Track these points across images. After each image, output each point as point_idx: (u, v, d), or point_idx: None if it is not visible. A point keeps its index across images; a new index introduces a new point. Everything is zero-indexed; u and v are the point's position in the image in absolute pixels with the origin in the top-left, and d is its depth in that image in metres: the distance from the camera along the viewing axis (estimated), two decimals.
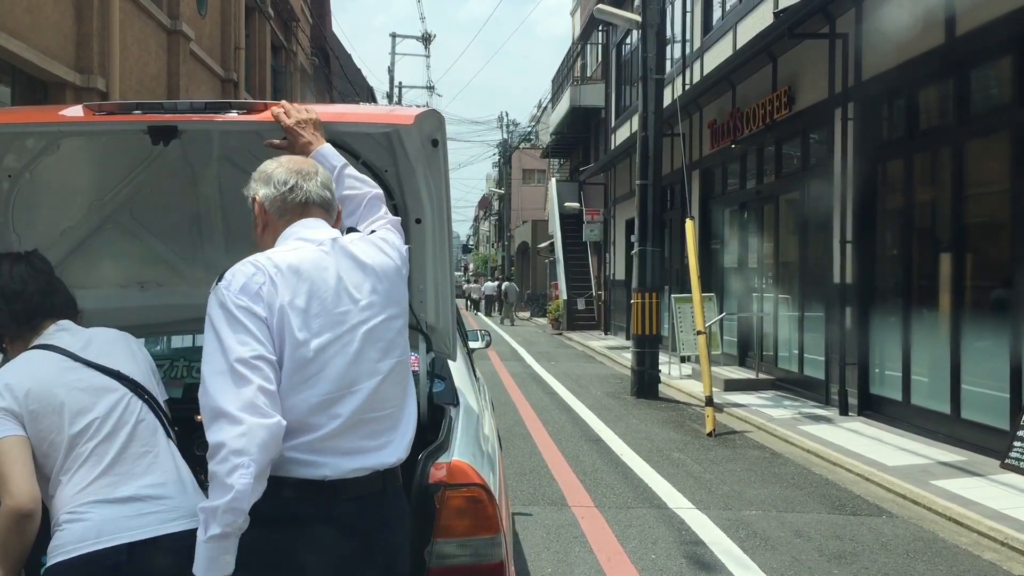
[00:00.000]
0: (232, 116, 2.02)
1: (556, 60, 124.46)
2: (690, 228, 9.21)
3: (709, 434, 7.80)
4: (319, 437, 1.69)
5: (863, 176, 8.49)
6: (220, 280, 1.70)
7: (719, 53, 12.08)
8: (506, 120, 39.97)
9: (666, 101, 10.74)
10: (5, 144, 2.22)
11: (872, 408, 8.35)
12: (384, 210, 2.05)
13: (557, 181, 27.82)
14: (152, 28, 10.86)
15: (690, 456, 6.96)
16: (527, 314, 32.18)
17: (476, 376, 3.65)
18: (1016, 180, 6.44)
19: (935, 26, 7.25)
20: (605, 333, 20.80)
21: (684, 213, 10.48)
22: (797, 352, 10.16)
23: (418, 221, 2.36)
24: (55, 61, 8.35)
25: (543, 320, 27.27)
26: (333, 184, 1.94)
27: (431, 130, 2.09)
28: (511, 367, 13.70)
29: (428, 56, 39.25)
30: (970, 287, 7.11)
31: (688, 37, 14.12)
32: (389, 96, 37.26)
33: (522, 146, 41.17)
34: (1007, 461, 5.98)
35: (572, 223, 24.69)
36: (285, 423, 1.63)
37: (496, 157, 44.61)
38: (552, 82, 29.82)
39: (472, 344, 5.03)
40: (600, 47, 23.34)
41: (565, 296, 23.39)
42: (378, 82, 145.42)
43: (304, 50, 21.27)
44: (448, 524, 2.04)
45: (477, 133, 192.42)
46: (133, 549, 1.77)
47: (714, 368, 9.26)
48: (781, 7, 9.36)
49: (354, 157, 2.25)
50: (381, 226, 1.96)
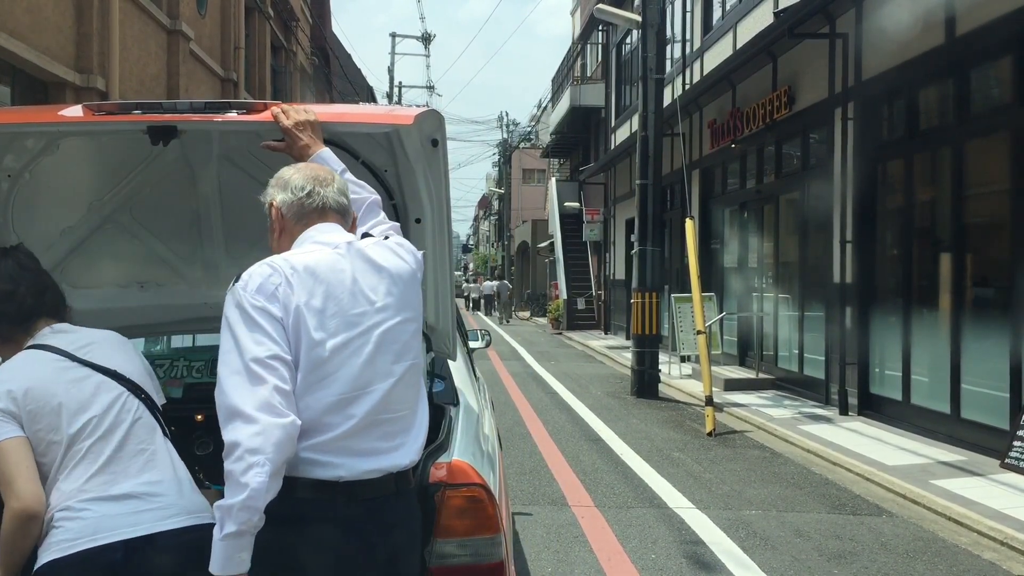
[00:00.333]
0: (231, 116, 2.02)
1: (556, 60, 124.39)
2: (690, 228, 9.21)
3: (709, 434, 7.80)
4: (334, 437, 1.70)
5: (863, 176, 8.49)
6: (237, 281, 1.72)
7: (719, 53, 12.08)
8: (506, 120, 40.00)
9: (666, 101, 10.74)
10: (4, 144, 2.22)
11: (872, 408, 8.35)
12: (382, 215, 2.06)
13: (557, 181, 27.83)
14: (152, 28, 10.86)
15: (690, 456, 6.96)
16: (527, 314, 32.18)
17: (476, 376, 3.65)
18: (1016, 180, 6.44)
19: (935, 26, 7.25)
20: (605, 333, 20.80)
21: (684, 213, 10.48)
22: (797, 352, 10.16)
23: (418, 221, 2.36)
24: (55, 61, 8.36)
25: (543, 320, 27.28)
26: (349, 191, 1.95)
27: (431, 130, 2.09)
28: (511, 367, 13.70)
29: (428, 56, 39.31)
30: (970, 287, 7.11)
31: (688, 37, 14.12)
32: (389, 96, 37.25)
33: (522, 146, 41.17)
34: (1007, 461, 5.98)
35: (572, 223, 24.69)
36: (300, 423, 1.64)
37: (496, 157, 44.64)
38: (552, 82, 29.82)
39: (472, 344, 5.03)
40: (600, 47, 23.34)
41: (565, 296, 23.39)
42: (378, 82, 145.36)
43: (304, 50, 21.27)
44: (448, 524, 2.04)
45: (477, 133, 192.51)
46: (129, 547, 1.76)
47: (714, 368, 9.26)
48: (781, 7, 9.36)
49: (353, 157, 2.25)
50: (383, 231, 1.97)
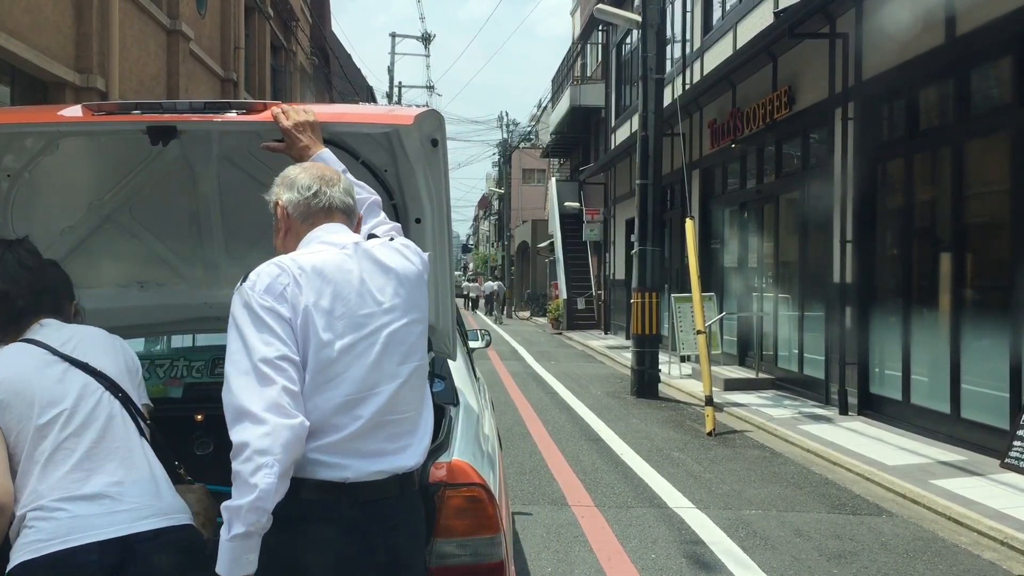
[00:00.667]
0: (231, 116, 2.01)
1: (556, 60, 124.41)
2: (690, 228, 9.21)
3: (709, 433, 7.80)
4: (341, 438, 1.70)
5: (863, 176, 8.49)
6: (244, 281, 1.71)
7: (719, 53, 12.08)
8: (506, 120, 39.90)
9: (666, 101, 10.74)
10: (4, 144, 2.21)
11: (872, 408, 8.35)
12: (383, 215, 2.06)
13: (557, 181, 27.83)
14: (152, 28, 10.86)
15: (690, 455, 6.96)
16: (527, 313, 32.17)
17: (476, 376, 3.65)
18: (1016, 180, 6.44)
19: (935, 26, 7.25)
20: (605, 333, 20.80)
21: (684, 213, 10.48)
22: (797, 352, 10.16)
23: (418, 221, 2.36)
24: (55, 61, 8.36)
25: (543, 320, 27.27)
26: (354, 191, 1.95)
27: (431, 130, 2.09)
28: (511, 366, 13.70)
29: (428, 56, 39.28)
30: (970, 287, 7.11)
31: (688, 37, 14.12)
32: (389, 96, 37.24)
33: (522, 146, 41.14)
34: (1007, 461, 5.98)
35: (572, 223, 24.70)
36: (309, 424, 1.64)
37: (496, 157, 44.60)
38: (552, 82, 29.81)
39: (472, 344, 5.03)
40: (600, 47, 23.34)
41: (565, 296, 23.40)
42: (378, 82, 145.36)
43: (304, 50, 21.27)
44: (448, 524, 2.04)
45: (477, 133, 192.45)
46: (103, 548, 1.73)
47: (714, 368, 9.26)
48: (781, 7, 9.36)
49: (353, 157, 2.25)
50: (385, 232, 1.97)
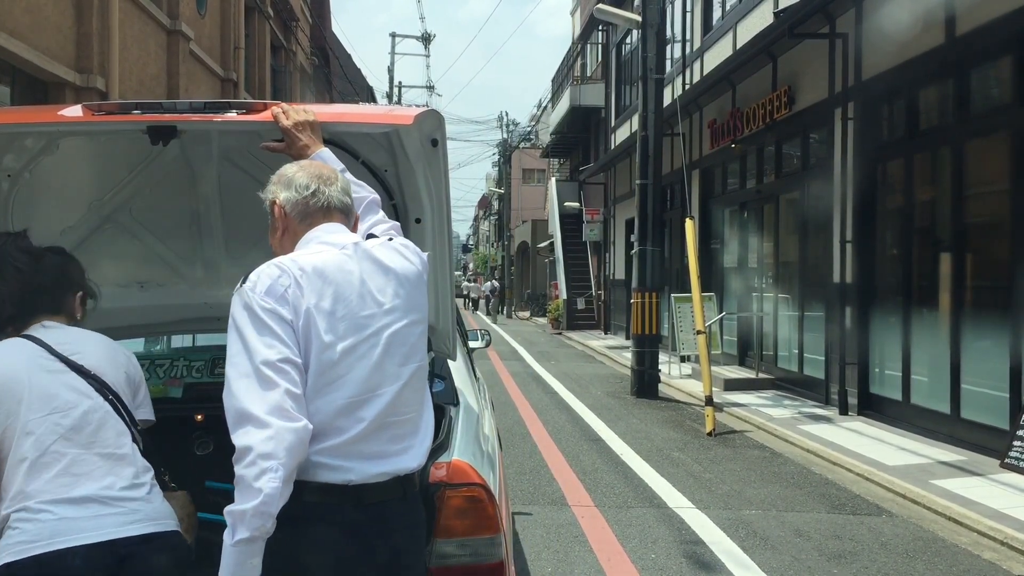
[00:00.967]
0: (231, 116, 2.01)
1: (556, 60, 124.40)
2: (690, 228, 9.21)
3: (709, 434, 7.80)
4: (344, 441, 1.69)
5: (863, 176, 8.49)
6: (244, 282, 1.69)
7: (719, 53, 12.08)
8: (506, 120, 39.87)
9: (666, 101, 10.74)
10: (4, 144, 2.21)
11: (872, 408, 8.35)
12: (381, 214, 2.05)
13: (557, 181, 27.82)
14: (152, 28, 10.86)
15: (690, 456, 6.96)
16: (527, 314, 32.16)
17: (476, 376, 3.65)
18: (1016, 180, 6.44)
19: (935, 26, 7.25)
20: (605, 333, 20.80)
21: (684, 213, 10.48)
22: (797, 352, 10.16)
23: (418, 221, 2.36)
24: (55, 61, 8.35)
25: (543, 320, 27.27)
26: (352, 189, 1.94)
27: (431, 130, 2.08)
28: (511, 367, 13.70)
29: (428, 56, 39.28)
30: (970, 287, 7.10)
31: (688, 37, 14.12)
32: (389, 96, 37.23)
33: (522, 146, 41.13)
34: (1007, 461, 5.98)
35: (572, 223, 24.69)
36: (312, 427, 1.62)
37: (496, 157, 44.58)
38: (552, 82, 29.81)
39: (472, 344, 5.03)
40: (600, 47, 23.33)
41: (565, 296, 23.39)
42: (378, 82, 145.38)
43: (304, 50, 21.27)
44: (448, 524, 2.04)
45: (477, 133, 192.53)
46: (89, 552, 1.70)
47: (714, 368, 9.26)
48: (781, 7, 9.36)
49: (353, 157, 2.25)
50: (384, 231, 1.96)
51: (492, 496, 2.13)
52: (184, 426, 2.94)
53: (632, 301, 10.84)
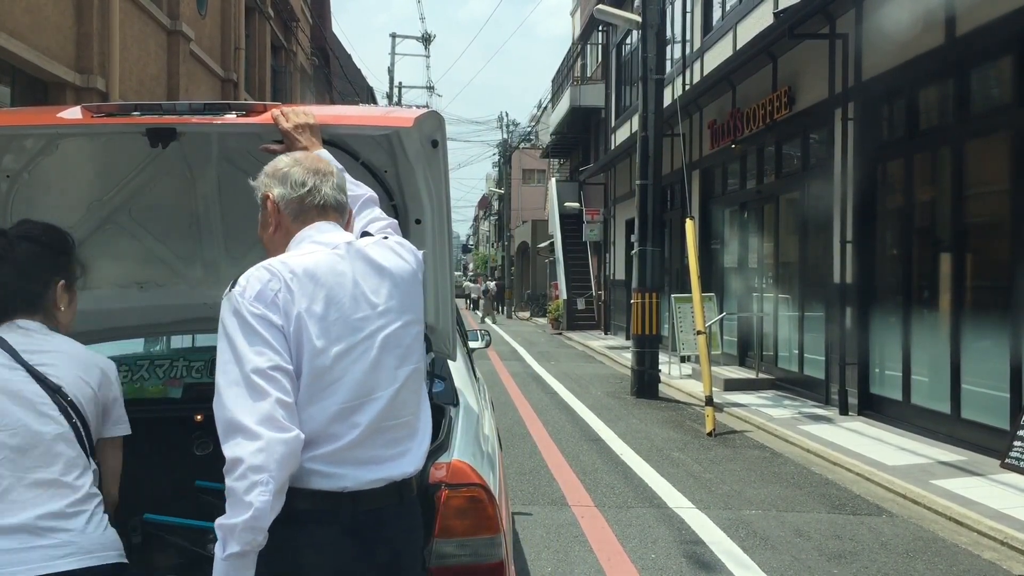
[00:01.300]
0: (231, 119, 2.00)
1: (556, 60, 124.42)
2: (690, 228, 9.21)
3: (709, 434, 7.80)
4: (340, 448, 1.65)
5: (863, 176, 8.49)
6: (233, 286, 1.64)
7: (719, 53, 12.08)
8: (506, 120, 39.90)
9: (666, 101, 10.74)
10: (3, 145, 2.21)
11: (872, 408, 8.35)
12: (378, 211, 2.03)
13: (557, 181, 27.83)
14: (152, 28, 10.86)
15: (690, 456, 6.96)
16: (527, 314, 32.16)
17: (476, 376, 3.65)
18: (1016, 180, 6.44)
19: (935, 26, 7.25)
20: (605, 333, 20.80)
21: (684, 213, 10.48)
22: (797, 352, 10.16)
23: (418, 222, 2.35)
24: (55, 61, 8.36)
25: (543, 320, 27.27)
26: (347, 187, 1.92)
27: (431, 131, 2.08)
28: (511, 367, 13.70)
29: (428, 56, 39.30)
30: (970, 287, 7.10)
31: (688, 37, 14.13)
32: (389, 96, 37.24)
33: (522, 146, 41.14)
34: (1007, 461, 5.98)
35: (572, 223, 24.69)
36: (304, 437, 1.58)
37: (496, 157, 44.60)
38: (552, 82, 29.82)
39: (472, 344, 5.04)
40: (600, 47, 23.34)
41: (565, 296, 23.39)
42: (378, 82, 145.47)
43: (304, 50, 21.27)
44: (448, 524, 2.03)
45: (477, 133, 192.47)
46: None
47: (714, 368, 9.26)
48: (781, 7, 9.36)
49: (353, 158, 2.25)
50: (380, 229, 1.94)
51: (492, 496, 2.13)
52: (184, 426, 2.94)
53: (632, 301, 10.84)
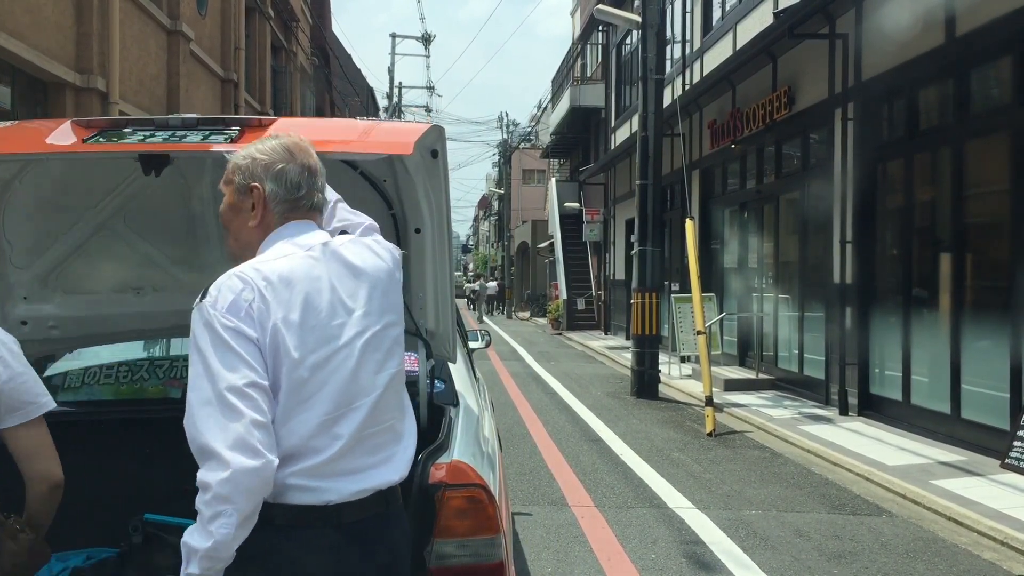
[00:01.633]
0: (224, 146, 1.91)
1: (556, 60, 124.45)
2: (690, 228, 9.21)
3: (709, 434, 7.80)
4: (322, 461, 1.58)
5: (863, 176, 8.49)
6: (204, 297, 1.55)
7: (719, 53, 12.08)
8: (506, 120, 39.89)
9: (666, 101, 10.74)
10: None
11: (872, 408, 8.35)
12: (352, 217, 1.94)
13: (557, 181, 27.82)
14: (152, 28, 10.86)
15: (690, 456, 6.96)
16: (527, 314, 32.16)
17: (476, 376, 3.65)
18: (1016, 180, 6.44)
19: (935, 26, 7.25)
20: (605, 333, 20.80)
21: (684, 213, 10.48)
22: (797, 352, 10.16)
23: (417, 231, 2.34)
24: (55, 61, 8.36)
25: (543, 320, 27.26)
26: (346, 218, 1.89)
27: (431, 142, 2.05)
28: (511, 367, 13.70)
29: (428, 56, 39.30)
30: (970, 287, 7.11)
31: (688, 37, 14.13)
32: (389, 97, 37.27)
33: (522, 146, 41.14)
34: (1007, 461, 5.98)
35: (572, 223, 24.69)
36: (278, 462, 1.51)
37: (496, 157, 44.60)
38: (552, 82, 29.81)
39: (472, 344, 5.04)
40: (600, 47, 23.34)
41: (565, 296, 23.39)
42: (378, 82, 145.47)
43: (304, 50, 21.28)
44: (448, 524, 2.03)
45: (477, 133, 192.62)
46: None
47: (714, 368, 9.26)
48: (781, 7, 9.36)
49: (352, 168, 2.25)
50: (363, 228, 1.89)
51: (492, 496, 2.13)
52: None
53: (632, 301, 10.85)
